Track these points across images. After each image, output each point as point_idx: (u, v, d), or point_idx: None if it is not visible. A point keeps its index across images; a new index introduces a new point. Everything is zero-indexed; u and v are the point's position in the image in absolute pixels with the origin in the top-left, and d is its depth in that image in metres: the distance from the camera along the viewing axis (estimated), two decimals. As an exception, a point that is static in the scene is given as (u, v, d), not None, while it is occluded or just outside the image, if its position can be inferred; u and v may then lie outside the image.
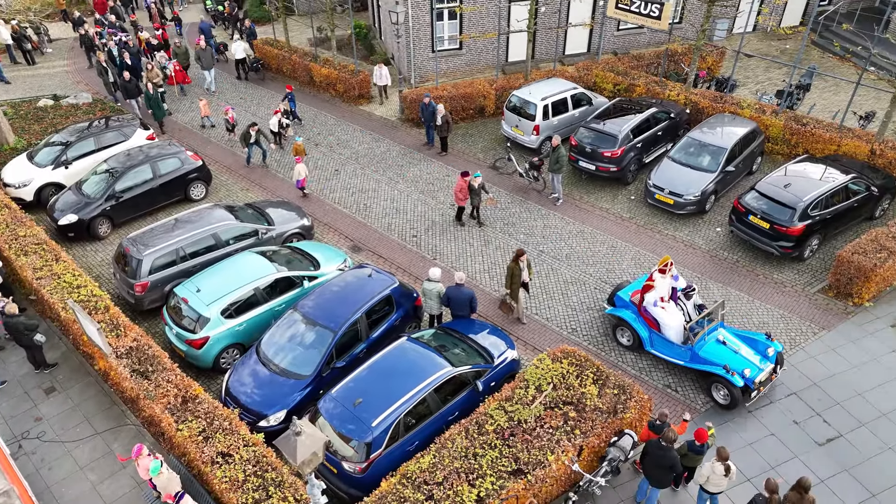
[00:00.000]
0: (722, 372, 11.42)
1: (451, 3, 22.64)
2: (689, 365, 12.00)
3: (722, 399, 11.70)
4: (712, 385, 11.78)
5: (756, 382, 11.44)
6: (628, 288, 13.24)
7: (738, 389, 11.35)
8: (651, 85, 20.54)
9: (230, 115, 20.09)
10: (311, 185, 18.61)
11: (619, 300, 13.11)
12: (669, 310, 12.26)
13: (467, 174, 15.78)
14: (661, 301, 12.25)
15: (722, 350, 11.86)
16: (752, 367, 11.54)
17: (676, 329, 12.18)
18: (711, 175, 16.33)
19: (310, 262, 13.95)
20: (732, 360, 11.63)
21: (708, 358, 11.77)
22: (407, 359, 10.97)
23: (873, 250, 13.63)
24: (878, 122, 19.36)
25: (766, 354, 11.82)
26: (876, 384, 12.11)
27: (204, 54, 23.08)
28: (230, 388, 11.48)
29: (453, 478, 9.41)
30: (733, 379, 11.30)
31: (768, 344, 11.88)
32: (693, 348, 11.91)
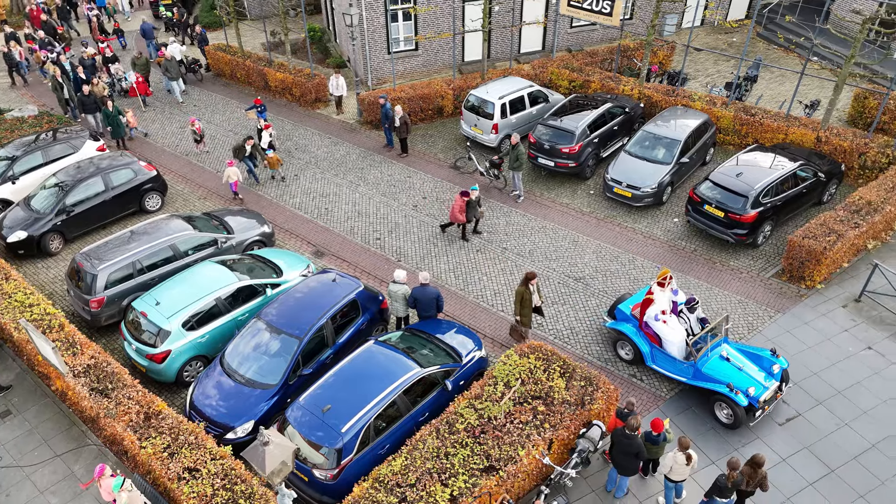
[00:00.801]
0: (725, 391, 10.92)
1: (405, 4, 22.62)
2: (692, 382, 11.52)
3: (725, 418, 11.26)
4: (715, 403, 11.32)
5: (761, 401, 10.95)
6: (629, 301, 12.78)
7: (741, 409, 10.92)
8: (605, 80, 20.88)
9: (196, 126, 19.55)
10: (271, 192, 18.38)
11: (620, 313, 12.63)
12: (671, 324, 11.75)
13: (467, 194, 15.16)
14: (662, 315, 11.74)
15: (726, 367, 11.36)
16: (756, 386, 11.04)
17: (678, 345, 11.68)
18: (667, 167, 16.68)
19: (272, 270, 13.77)
20: (736, 378, 11.12)
21: (711, 375, 11.28)
22: (375, 362, 10.92)
23: (822, 234, 14.11)
24: (822, 111, 20.06)
25: (770, 371, 11.34)
26: (830, 363, 12.55)
27: (171, 64, 22.44)
28: (195, 401, 11.26)
29: (426, 479, 9.41)
30: (737, 398, 10.81)
31: (773, 360, 11.42)
32: (696, 365, 11.41)
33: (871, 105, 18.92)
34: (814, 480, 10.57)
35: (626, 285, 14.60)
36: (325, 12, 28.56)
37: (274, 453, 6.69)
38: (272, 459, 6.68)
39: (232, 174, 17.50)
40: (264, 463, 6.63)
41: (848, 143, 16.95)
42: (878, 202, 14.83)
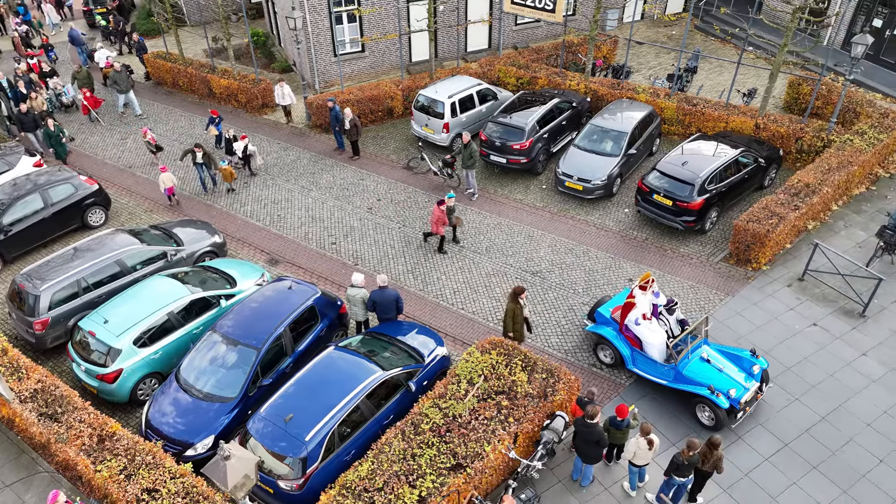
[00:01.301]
0: (706, 393, 10.91)
1: (349, 6, 22.43)
2: (673, 385, 11.45)
3: (707, 420, 11.26)
4: (696, 405, 11.31)
5: (742, 403, 10.96)
6: (609, 304, 12.76)
7: (723, 411, 10.94)
8: (552, 76, 21.16)
9: (150, 137, 18.86)
10: (221, 201, 17.98)
11: (600, 316, 12.59)
12: (652, 327, 11.65)
13: (443, 202, 14.88)
14: (643, 318, 11.63)
15: (706, 369, 11.32)
16: (737, 387, 11.03)
17: (659, 347, 11.62)
18: (615, 159, 17.01)
19: (226, 280, 13.47)
20: (717, 380, 11.10)
21: (692, 377, 11.24)
22: (336, 368, 10.81)
23: (765, 217, 14.63)
24: (759, 98, 20.78)
25: (751, 372, 11.35)
26: (779, 341, 13.02)
27: (120, 77, 21.55)
28: (151, 420, 10.92)
29: (393, 481, 9.36)
30: (718, 400, 10.82)
31: (753, 361, 11.43)
32: (676, 367, 11.38)
33: (804, 91, 19.70)
34: (769, 455, 10.95)
35: (581, 277, 14.84)
36: (267, 16, 28.09)
37: (236, 467, 6.54)
38: (234, 473, 6.53)
39: (166, 179, 17.17)
40: (226, 478, 6.48)
41: (785, 129, 17.62)
42: (816, 184, 15.46)
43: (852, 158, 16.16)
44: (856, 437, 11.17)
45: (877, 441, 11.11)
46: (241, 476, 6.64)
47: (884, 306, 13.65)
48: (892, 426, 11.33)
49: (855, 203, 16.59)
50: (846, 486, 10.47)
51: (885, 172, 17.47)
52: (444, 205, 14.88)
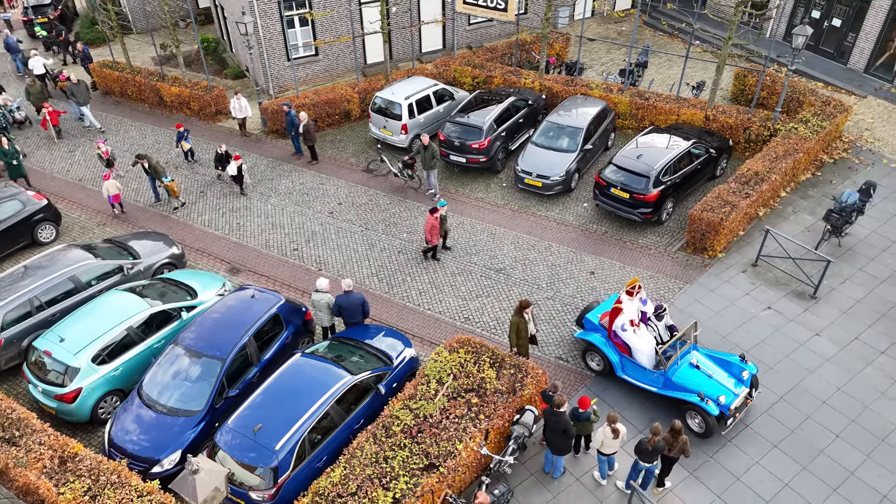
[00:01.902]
0: (696, 400, 10.84)
1: (301, 10, 22.22)
2: (663, 392, 11.37)
3: (697, 427, 11.16)
4: (686, 412, 11.22)
5: (731, 409, 10.88)
6: (597, 309, 12.66)
7: (713, 418, 10.84)
8: (507, 75, 21.35)
9: (104, 150, 18.24)
10: (177, 211, 17.60)
11: (588, 323, 12.46)
12: (640, 334, 11.53)
13: (435, 210, 14.43)
14: (631, 325, 11.52)
15: (696, 375, 11.25)
16: (726, 393, 10.95)
17: (648, 354, 11.50)
18: (573, 155, 17.28)
19: (186, 292, 13.21)
20: (707, 386, 11.03)
21: (682, 384, 11.17)
22: (303, 375, 10.71)
23: (719, 206, 15.06)
24: (707, 91, 21.37)
25: (740, 378, 11.31)
26: (736, 325, 13.43)
27: (77, 89, 20.75)
28: (114, 438, 10.65)
29: (367, 485, 9.33)
30: (708, 407, 10.75)
31: (742, 366, 11.38)
32: (666, 374, 11.29)
33: (750, 82, 20.35)
34: (732, 437, 11.28)
35: (544, 272, 15.02)
36: (217, 22, 27.61)
37: (205, 480, 6.44)
38: (204, 487, 6.43)
39: (111, 187, 16.80)
40: (196, 492, 6.37)
41: (733, 120, 18.17)
42: (765, 172, 15.98)
43: (798, 146, 16.76)
44: (813, 415, 11.60)
45: (833, 418, 11.56)
46: (212, 489, 6.54)
47: (833, 287, 14.20)
48: (846, 403, 11.80)
49: (802, 189, 17.22)
50: (805, 463, 10.87)
51: (829, 158, 18.17)
52: (437, 213, 14.40)
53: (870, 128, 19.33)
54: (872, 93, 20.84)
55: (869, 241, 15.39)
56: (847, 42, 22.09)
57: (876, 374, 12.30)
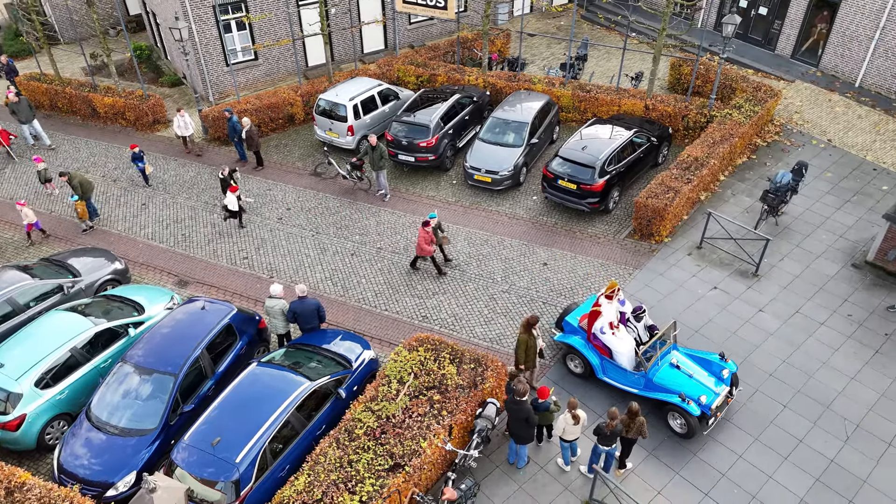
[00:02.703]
0: (677, 401, 10.82)
1: (237, 14, 21.75)
2: (644, 393, 11.35)
3: (679, 428, 11.16)
4: (668, 413, 11.22)
5: (713, 409, 10.89)
6: (576, 312, 12.60)
7: (694, 419, 10.84)
8: (451, 73, 21.42)
9: (42, 167, 17.32)
10: (118, 225, 16.99)
11: (568, 326, 12.39)
12: (620, 336, 11.51)
13: (428, 223, 14.03)
14: (610, 327, 11.51)
15: (676, 375, 11.22)
16: (707, 393, 10.95)
17: (628, 356, 11.49)
18: (519, 149, 17.47)
19: (132, 308, 12.76)
20: (688, 386, 11.00)
21: (663, 385, 11.15)
22: (261, 384, 10.50)
23: (662, 192, 15.48)
24: (646, 81, 21.95)
25: (720, 376, 11.32)
26: (685, 307, 13.84)
27: (19, 107, 19.57)
28: (64, 464, 10.20)
29: (332, 491, 9.22)
30: (689, 408, 10.73)
31: (722, 365, 11.38)
32: (647, 375, 11.27)
33: (685, 72, 20.99)
34: (687, 414, 11.61)
35: (498, 266, 15.14)
36: (149, 29, 26.74)
37: (164, 498, 6.24)
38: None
39: (29, 214, 15.79)
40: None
41: (671, 108, 18.72)
42: (704, 157, 16.52)
43: (733, 131, 17.39)
44: (761, 388, 12.07)
45: (779, 389, 12.05)
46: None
47: (773, 264, 14.80)
48: (791, 374, 12.32)
49: (739, 172, 17.88)
50: (756, 434, 11.30)
51: (762, 142, 18.92)
52: (428, 226, 14.03)
53: (799, 111, 20.23)
54: (799, 77, 21.81)
55: (804, 219, 16.10)
56: (774, 29, 23.05)
57: (817, 345, 12.89)
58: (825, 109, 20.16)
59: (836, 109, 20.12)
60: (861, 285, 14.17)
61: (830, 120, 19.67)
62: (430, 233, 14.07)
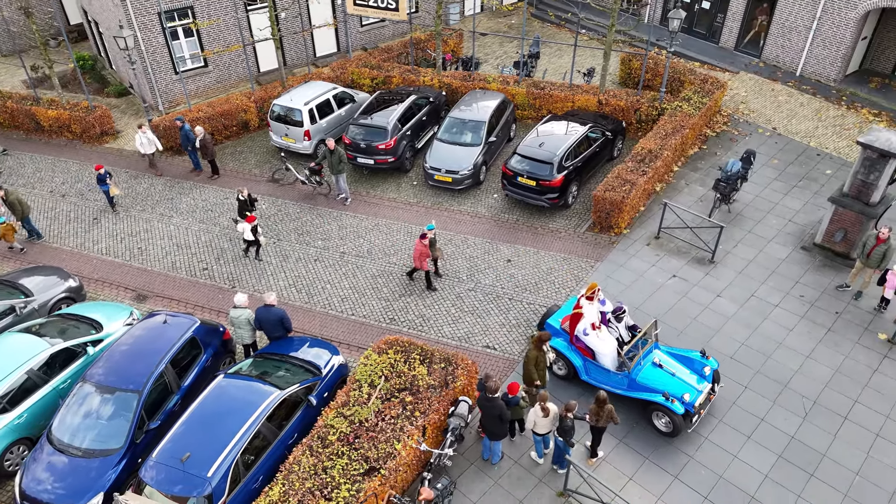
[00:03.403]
0: (661, 400, 10.85)
1: (184, 20, 21.28)
2: (628, 393, 11.37)
3: (664, 427, 11.19)
4: (653, 413, 11.22)
5: (696, 406, 10.95)
6: (558, 314, 12.50)
7: (679, 417, 10.86)
8: (406, 74, 21.42)
9: None
10: (69, 241, 16.45)
11: (550, 328, 12.33)
12: (602, 336, 11.52)
13: (425, 236, 13.74)
14: (592, 328, 11.52)
15: (659, 374, 11.27)
16: (690, 391, 11.00)
17: (611, 356, 11.48)
18: (478, 148, 17.59)
19: (89, 326, 12.39)
20: (671, 385, 11.05)
21: (646, 384, 11.19)
22: (229, 396, 10.32)
23: (619, 185, 15.81)
24: (598, 76, 22.37)
25: (702, 374, 11.37)
26: (646, 296, 14.17)
27: None
28: (26, 490, 9.84)
29: (308, 499, 9.15)
30: (673, 406, 10.77)
31: (704, 362, 11.45)
32: (630, 375, 11.31)
33: (635, 66, 21.47)
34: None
35: (463, 265, 15.21)
36: (92, 38, 25.93)
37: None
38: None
39: None
40: (127, 532, 6.01)
41: (624, 102, 19.12)
42: (657, 149, 16.93)
43: (684, 122, 17.88)
44: (722, 371, 12.42)
45: (739, 371, 12.45)
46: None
47: (727, 251, 15.27)
48: (749, 356, 12.74)
49: (691, 162, 18.39)
50: (720, 416, 11.64)
51: (711, 132, 19.50)
52: (425, 238, 13.77)
53: (744, 101, 20.92)
54: (743, 68, 22.55)
55: (754, 206, 16.66)
56: (717, 23, 23.77)
57: (773, 327, 13.36)
58: (769, 99, 20.90)
59: (780, 98, 20.88)
60: (811, 267, 14.75)
61: (774, 109, 20.41)
62: (426, 245, 13.78)
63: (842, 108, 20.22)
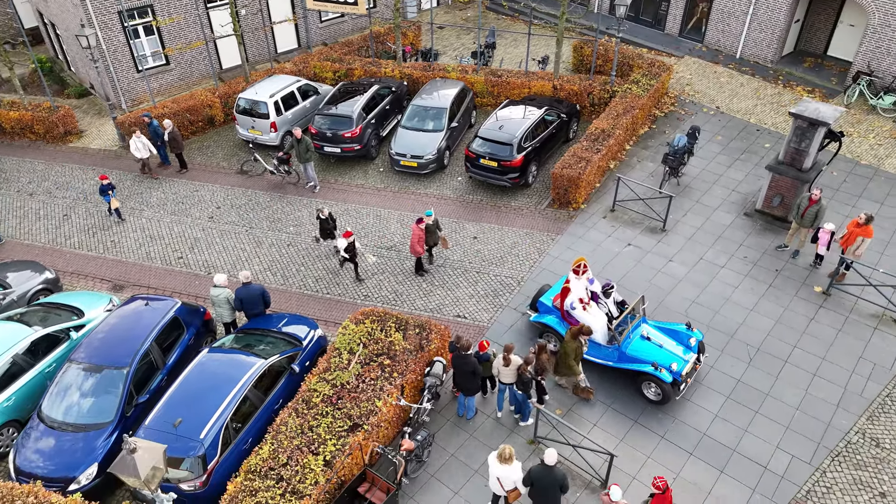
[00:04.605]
0: (651, 370, 11.36)
1: (144, 19, 21.48)
2: (618, 365, 11.85)
3: (654, 396, 11.71)
4: (642, 383, 11.75)
5: (683, 375, 11.48)
6: (549, 292, 12.97)
7: (667, 385, 11.35)
8: (367, 66, 22.02)
9: None
10: (40, 237, 16.62)
11: (542, 306, 12.83)
12: (592, 311, 11.98)
13: (421, 220, 14.04)
14: (580, 303, 11.96)
15: (647, 346, 11.79)
16: (678, 361, 11.53)
17: (601, 330, 11.95)
18: (441, 133, 18.34)
19: (71, 312, 12.72)
20: (659, 356, 11.56)
21: (635, 356, 11.70)
22: (215, 367, 10.85)
23: (575, 163, 16.75)
24: (552, 64, 23.34)
25: (688, 345, 11.92)
26: (605, 263, 15.12)
27: None
28: (21, 467, 10.19)
29: (297, 455, 9.75)
30: (662, 375, 11.27)
31: (689, 334, 11.98)
32: (620, 348, 11.82)
33: (586, 53, 22.51)
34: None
35: (431, 243, 15.94)
36: (49, 41, 25.81)
37: (144, 458, 6.63)
38: (144, 465, 6.63)
39: None
40: (137, 470, 6.55)
41: (577, 87, 20.11)
42: (610, 129, 17.94)
43: (634, 103, 18.94)
44: (675, 326, 13.42)
45: (691, 325, 13.47)
46: (151, 468, 6.74)
47: (677, 220, 16.34)
48: (700, 312, 13.77)
49: (642, 141, 19.47)
50: (675, 365, 12.61)
51: (660, 112, 20.64)
52: (422, 223, 14.06)
53: (689, 83, 22.15)
54: (688, 53, 23.82)
55: (701, 178, 17.80)
56: (662, 11, 25.01)
57: (720, 285, 14.44)
58: (712, 80, 22.18)
59: (722, 80, 22.17)
60: (753, 231, 15.93)
61: (717, 89, 21.68)
62: (423, 230, 14.10)
63: (778, 87, 21.61)
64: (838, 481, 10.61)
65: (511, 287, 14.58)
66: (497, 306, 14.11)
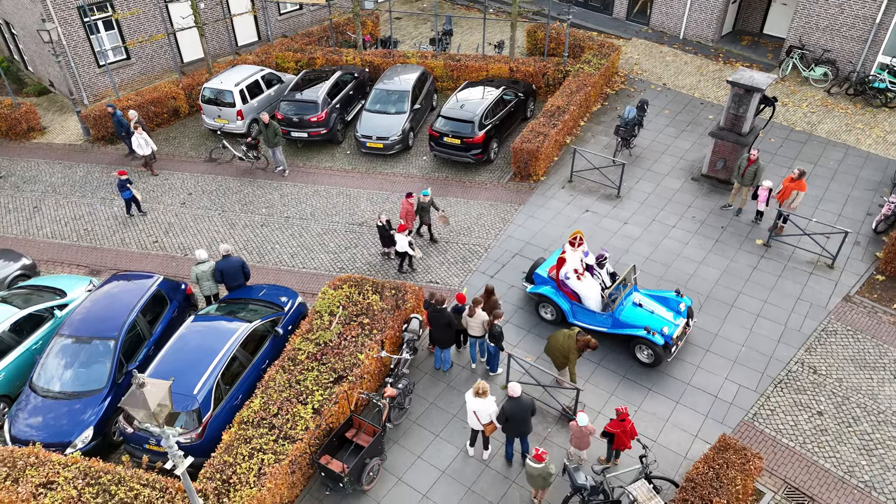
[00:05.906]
0: (643, 333, 11.84)
1: (103, 13, 21.60)
2: (612, 330, 12.36)
3: (646, 358, 12.23)
4: (635, 347, 12.28)
5: (674, 338, 12.01)
6: (545, 264, 13.42)
7: (659, 347, 11.87)
8: (328, 55, 22.58)
9: None
10: (12, 229, 16.75)
11: (538, 277, 13.22)
12: (587, 281, 12.49)
13: (411, 195, 14.54)
14: (575, 273, 12.45)
15: (639, 312, 12.30)
16: (668, 325, 12.05)
17: (595, 299, 12.49)
18: (405, 115, 19.06)
19: (53, 293, 13.04)
20: (651, 321, 12.08)
21: (628, 322, 12.21)
22: (203, 331, 11.38)
23: (534, 137, 17.68)
24: (507, 48, 24.27)
25: (678, 310, 12.44)
26: (565, 229, 16.08)
27: None
28: (17, 436, 10.57)
29: (286, 405, 10.38)
30: (654, 338, 11.76)
31: (679, 300, 12.50)
32: (613, 314, 12.32)
33: (540, 36, 23.50)
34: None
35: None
36: (3, 41, 25.58)
37: (152, 392, 7.17)
38: (153, 399, 7.17)
39: None
40: (147, 402, 7.09)
41: (532, 68, 21.07)
42: (565, 105, 18.93)
43: (586, 81, 20.00)
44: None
45: (646, 280, 14.50)
46: (157, 404, 7.28)
47: (631, 186, 17.43)
48: (654, 267, 14.83)
49: (595, 117, 20.55)
50: (633, 314, 13.60)
51: (611, 90, 21.76)
52: (411, 197, 14.49)
53: (637, 62, 23.35)
54: (635, 35, 25.06)
55: (651, 148, 18.95)
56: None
57: (672, 243, 15.56)
58: (658, 60, 23.43)
59: (667, 59, 23.45)
60: (700, 193, 17.11)
61: (663, 68, 22.94)
62: (412, 205, 14.60)
63: (719, 64, 22.99)
64: (781, 404, 11.75)
65: (479, 254, 15.42)
66: (466, 271, 14.92)
